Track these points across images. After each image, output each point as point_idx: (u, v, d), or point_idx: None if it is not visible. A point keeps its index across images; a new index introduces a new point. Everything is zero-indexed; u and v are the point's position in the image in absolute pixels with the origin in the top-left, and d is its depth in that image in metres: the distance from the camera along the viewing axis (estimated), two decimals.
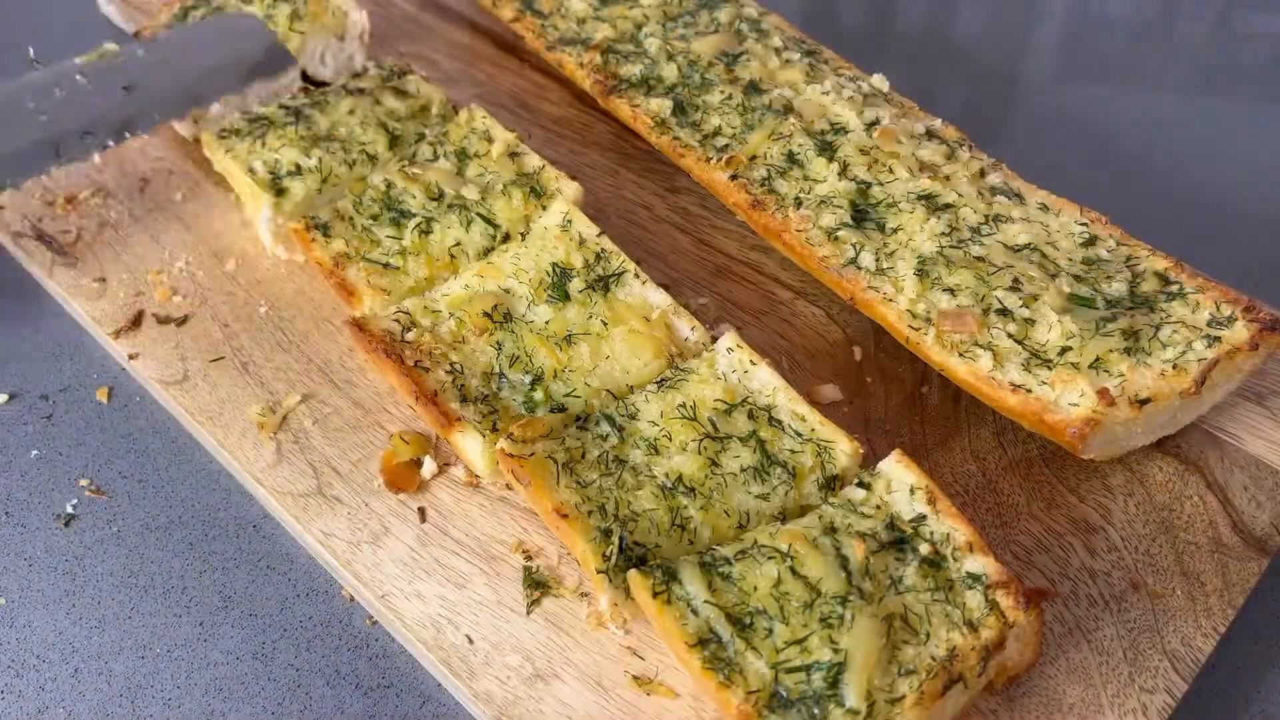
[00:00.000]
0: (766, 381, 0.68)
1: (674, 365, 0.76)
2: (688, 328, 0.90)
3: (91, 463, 0.94)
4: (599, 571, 0.68)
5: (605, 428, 0.77)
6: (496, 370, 0.88)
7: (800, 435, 0.68)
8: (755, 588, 0.70)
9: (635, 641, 0.77)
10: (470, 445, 0.83)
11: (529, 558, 0.81)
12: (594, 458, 0.74)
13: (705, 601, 0.70)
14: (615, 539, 0.62)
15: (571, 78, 1.17)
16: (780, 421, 0.68)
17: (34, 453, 0.94)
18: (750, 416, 0.68)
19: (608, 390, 0.86)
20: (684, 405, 0.68)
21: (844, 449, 0.66)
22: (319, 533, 0.83)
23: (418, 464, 0.87)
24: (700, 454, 0.65)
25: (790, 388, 0.69)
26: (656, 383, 0.71)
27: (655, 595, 0.70)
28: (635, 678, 0.75)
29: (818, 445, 0.66)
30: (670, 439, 0.68)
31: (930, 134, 1.03)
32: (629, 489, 0.71)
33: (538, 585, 0.80)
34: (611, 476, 0.71)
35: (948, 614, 0.70)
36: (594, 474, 0.73)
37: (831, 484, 0.66)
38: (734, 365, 0.71)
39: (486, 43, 1.36)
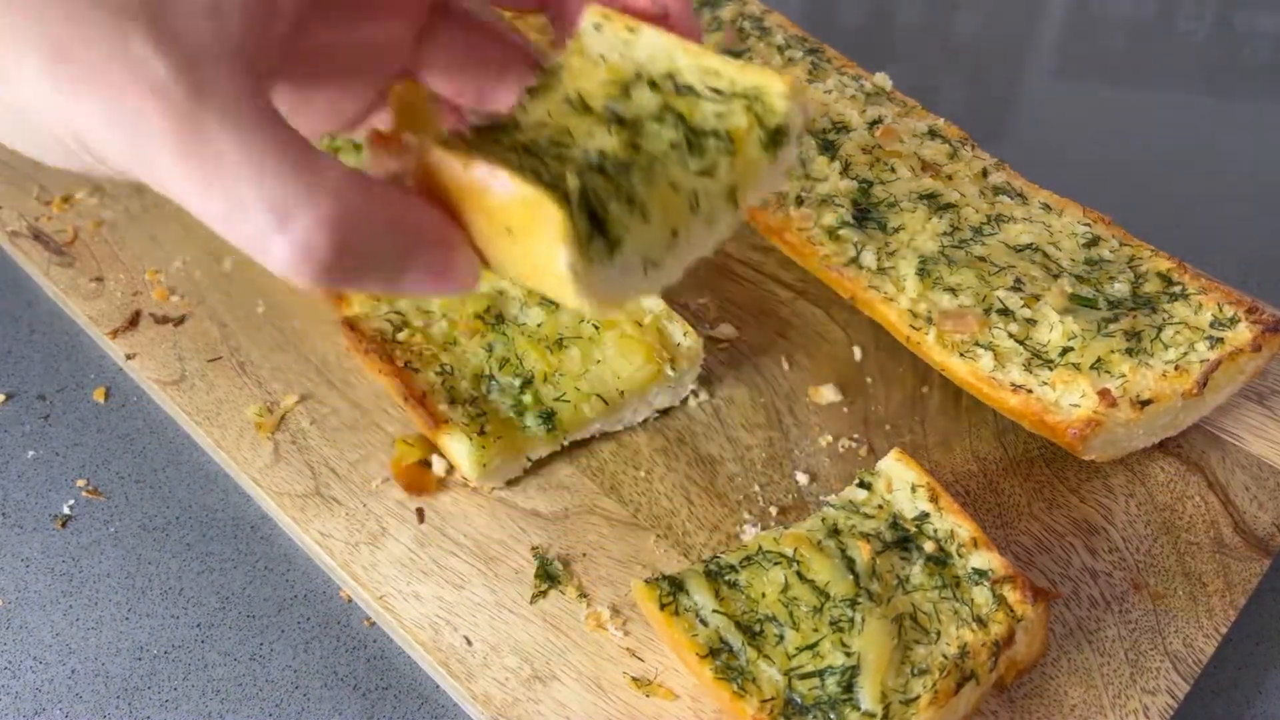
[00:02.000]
0: (656, 45, 0.53)
1: (538, 68, 0.56)
2: (680, 333, 0.90)
3: (88, 463, 0.93)
4: (559, 208, 0.46)
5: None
6: (487, 373, 0.87)
7: (720, 93, 0.52)
8: (763, 594, 0.70)
9: (634, 643, 0.77)
10: (458, 448, 0.83)
11: (541, 553, 0.81)
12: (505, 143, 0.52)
13: (714, 611, 0.69)
14: (574, 177, 0.46)
15: None
16: (690, 86, 0.52)
17: (30, 453, 0.94)
18: (654, 89, 0.52)
19: (598, 395, 0.86)
20: (570, 100, 0.51)
21: (776, 90, 0.51)
22: (317, 533, 0.83)
23: (426, 464, 0.87)
24: (617, 137, 0.50)
25: (686, 41, 0.54)
26: (527, 90, 0.53)
27: (663, 607, 0.69)
28: (634, 679, 0.75)
29: (745, 98, 0.52)
30: (571, 134, 0.50)
31: (933, 133, 1.02)
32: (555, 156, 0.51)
33: (550, 579, 0.79)
34: (533, 157, 0.51)
35: (956, 611, 0.70)
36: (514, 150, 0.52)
37: (778, 139, 0.51)
38: (611, 42, 0.54)
39: None
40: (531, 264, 0.45)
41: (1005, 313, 0.87)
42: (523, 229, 0.44)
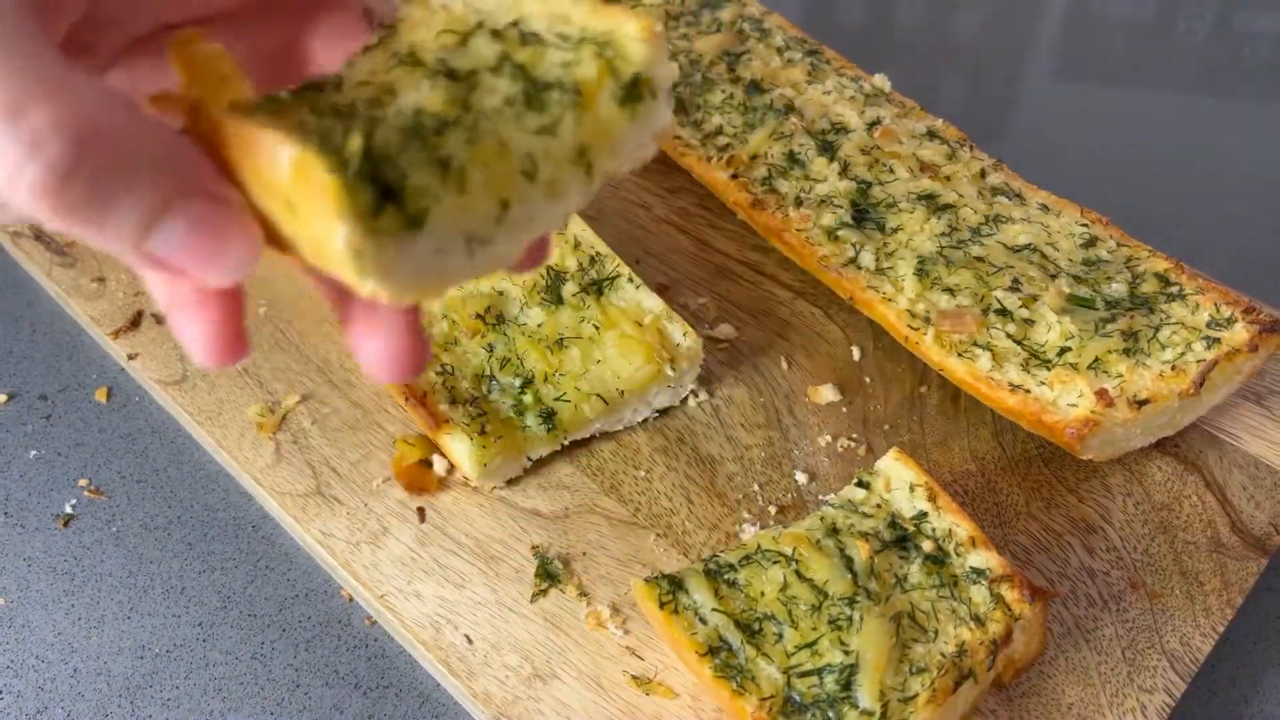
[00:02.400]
0: None
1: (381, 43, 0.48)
2: (680, 333, 0.90)
3: (90, 463, 0.93)
4: (331, 174, 0.38)
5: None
6: (487, 373, 0.87)
7: (567, 39, 0.45)
8: (762, 593, 0.70)
9: (634, 641, 0.77)
10: (458, 447, 0.83)
11: (541, 552, 0.82)
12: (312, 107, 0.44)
13: (713, 609, 0.70)
14: (357, 139, 0.38)
15: None
16: (537, 34, 0.45)
17: (33, 453, 0.94)
18: (496, 38, 0.45)
19: (598, 395, 0.86)
20: (399, 55, 0.44)
21: (630, 32, 0.44)
22: (318, 533, 0.83)
23: (428, 464, 0.87)
24: (442, 93, 0.43)
25: None
26: (364, 48, 0.47)
27: (662, 606, 0.70)
28: (634, 677, 0.75)
29: (596, 45, 0.44)
30: (393, 91, 0.43)
31: (931, 134, 1.03)
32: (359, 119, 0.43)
33: (550, 577, 0.80)
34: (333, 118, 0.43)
35: (954, 610, 0.70)
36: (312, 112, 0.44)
37: (634, 92, 0.44)
38: None
39: None
40: (316, 244, 0.38)
41: (1003, 313, 0.87)
42: (302, 201, 0.37)
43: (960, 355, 0.86)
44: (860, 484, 0.79)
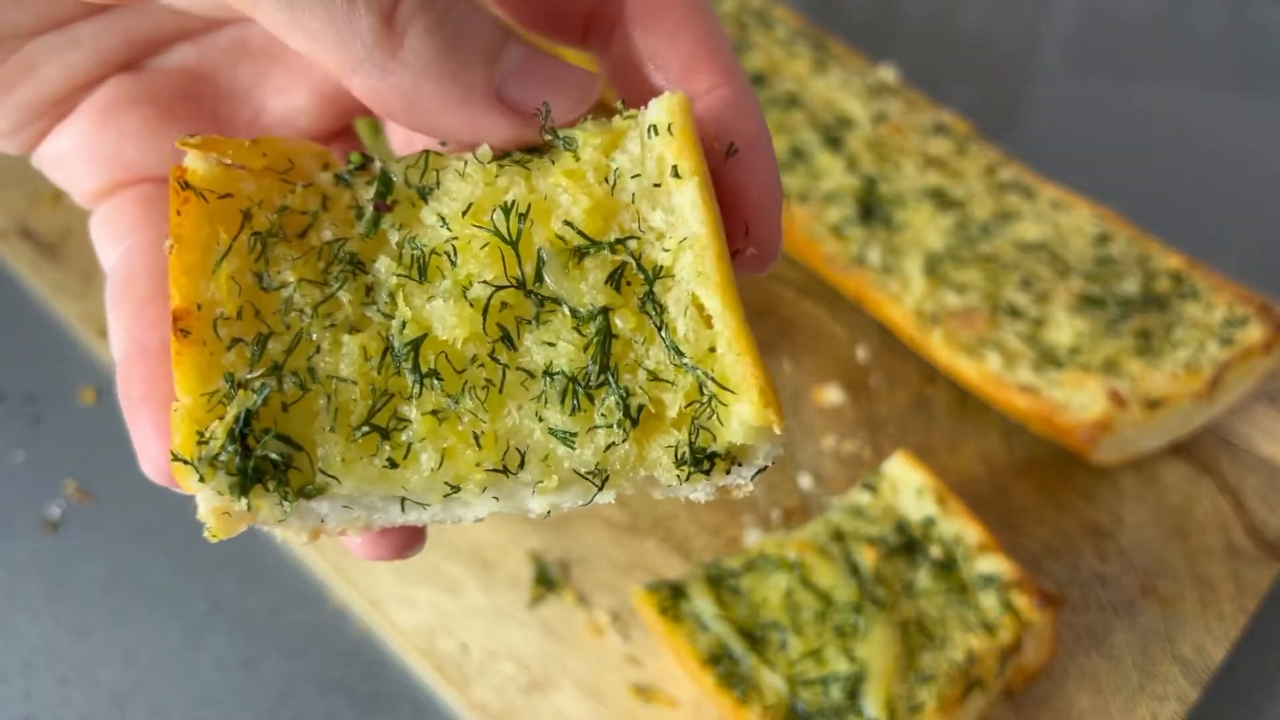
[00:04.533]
0: (687, 209, 0.36)
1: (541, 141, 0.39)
2: None
3: (78, 466, 0.92)
4: (200, 444, 0.35)
5: (368, 192, 0.40)
6: None
7: (683, 348, 0.35)
8: (766, 600, 0.69)
9: (634, 649, 0.75)
10: None
11: (538, 557, 0.80)
12: (312, 244, 0.38)
13: (715, 616, 0.68)
14: (238, 408, 0.34)
15: None
16: (664, 306, 0.35)
17: (19, 456, 0.92)
18: (612, 274, 0.35)
19: None
20: (508, 205, 0.36)
21: (744, 413, 0.34)
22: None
23: None
24: (486, 313, 0.35)
25: (721, 260, 0.36)
26: (498, 159, 0.38)
27: (663, 613, 0.68)
28: (634, 686, 0.73)
29: (705, 381, 0.35)
30: (454, 259, 0.36)
31: (939, 128, 1.01)
32: (334, 326, 0.37)
33: (548, 584, 0.78)
34: (319, 289, 0.37)
35: (963, 617, 0.69)
36: (295, 268, 0.38)
37: (701, 460, 0.35)
38: (650, 151, 0.37)
39: None
40: None
41: (1013, 312, 0.85)
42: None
43: (969, 355, 0.84)
44: (866, 487, 0.77)
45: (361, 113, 0.46)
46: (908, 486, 0.76)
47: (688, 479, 0.35)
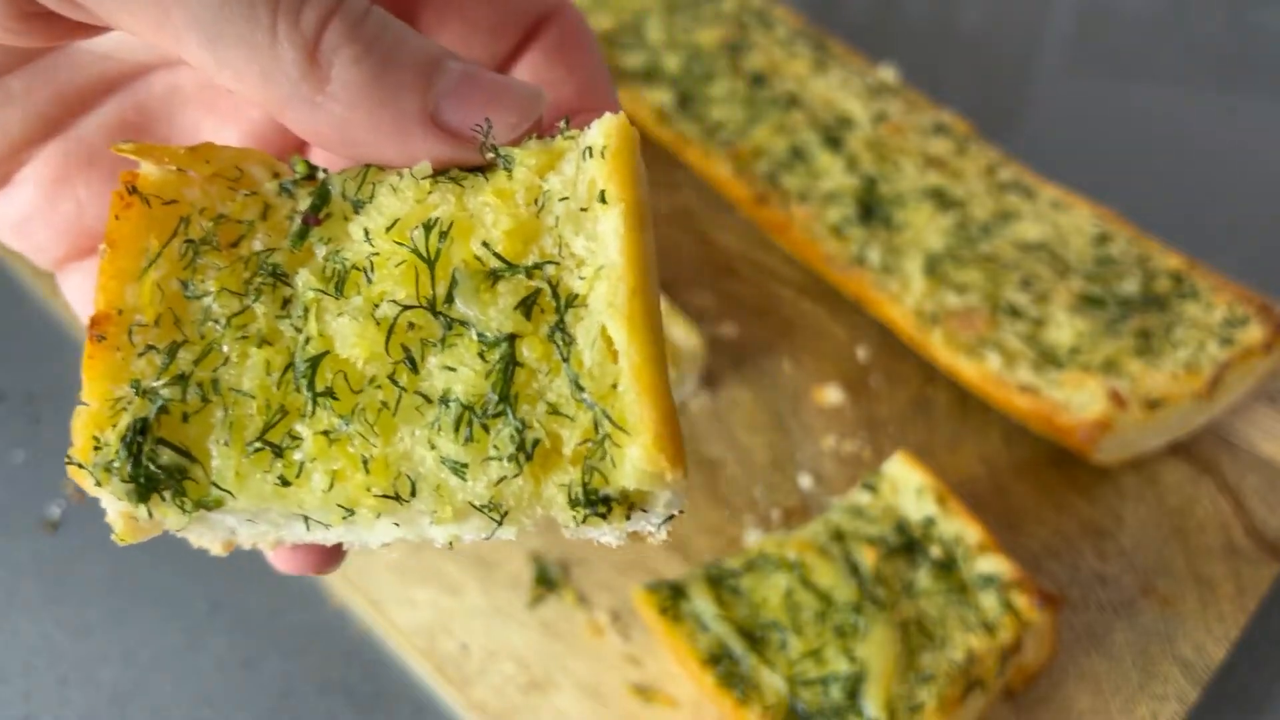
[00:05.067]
0: (609, 236, 0.35)
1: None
2: (681, 332, 0.89)
3: None
4: (94, 449, 0.35)
5: (289, 199, 0.39)
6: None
7: (584, 385, 0.34)
8: (766, 600, 0.69)
9: (634, 649, 0.75)
10: None
11: (538, 557, 0.80)
12: (242, 254, 0.38)
13: (715, 617, 0.68)
14: (131, 416, 0.34)
15: None
16: (572, 337, 0.35)
17: (19, 456, 0.92)
18: (524, 300, 0.35)
19: None
20: (430, 223, 0.36)
21: (635, 456, 0.33)
22: None
23: None
24: (390, 333, 0.35)
25: (635, 293, 0.35)
26: (435, 175, 0.37)
27: (663, 613, 0.68)
28: (634, 686, 0.73)
29: (601, 418, 0.34)
30: (371, 275, 0.36)
31: (939, 128, 1.01)
32: (246, 338, 0.37)
33: (548, 584, 0.78)
34: (238, 300, 0.37)
35: (963, 617, 0.69)
36: (217, 279, 0.37)
37: (595, 501, 0.34)
38: (583, 174, 0.36)
39: None
40: None
41: (1013, 312, 0.85)
42: None
43: (969, 355, 0.84)
44: (866, 487, 0.77)
45: (300, 147, 0.46)
46: (908, 486, 0.76)
47: (584, 521, 0.34)
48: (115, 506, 0.36)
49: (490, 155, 0.37)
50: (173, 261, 0.37)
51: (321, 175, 0.39)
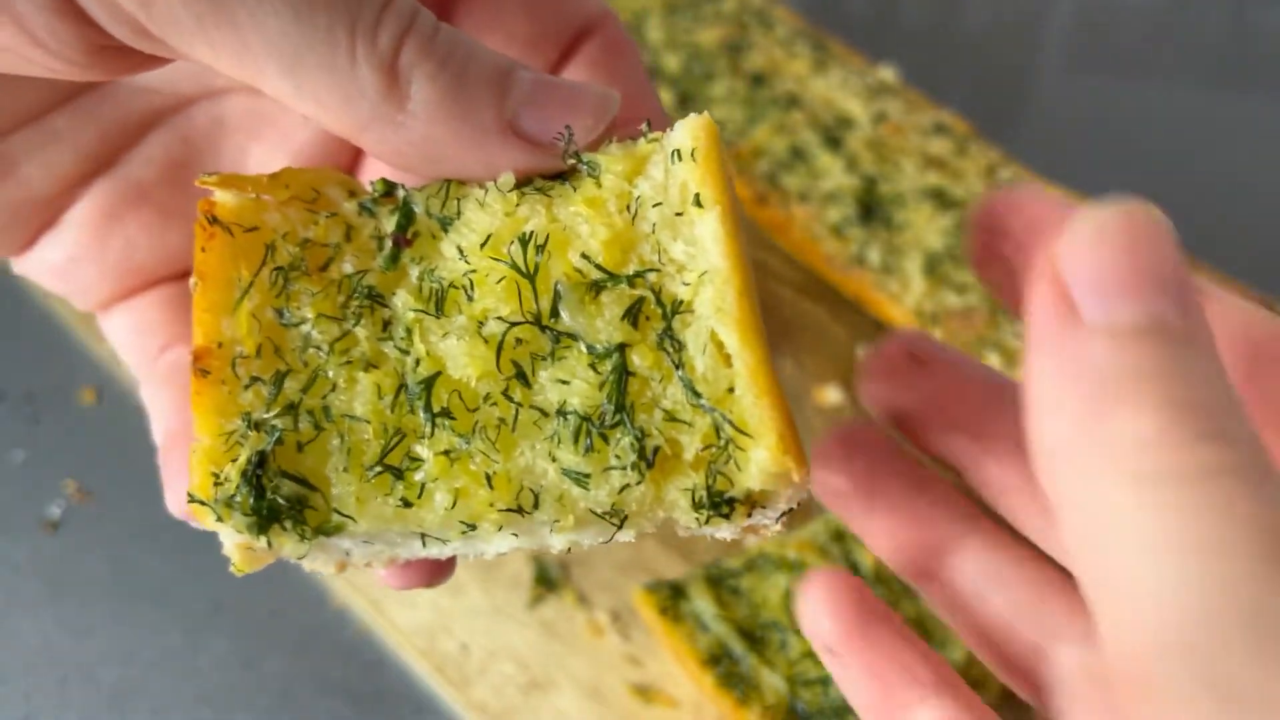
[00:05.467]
0: (708, 241, 0.35)
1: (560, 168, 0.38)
2: None
3: (78, 465, 0.91)
4: (216, 485, 0.35)
5: (391, 221, 0.38)
6: None
7: (700, 388, 0.34)
8: (766, 600, 0.69)
9: (634, 649, 0.75)
10: None
11: (538, 557, 0.80)
12: (333, 277, 0.38)
13: (715, 617, 0.68)
14: (250, 450, 0.35)
15: None
16: (682, 343, 0.35)
17: (19, 455, 0.92)
18: (629, 309, 0.35)
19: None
20: (525, 237, 0.36)
21: (761, 459, 0.34)
22: None
23: None
24: (500, 350, 0.35)
25: (742, 295, 0.35)
26: (518, 187, 0.37)
27: (663, 613, 0.68)
28: (634, 687, 0.73)
29: (722, 423, 0.34)
30: (471, 293, 0.36)
31: (939, 128, 1.01)
32: (350, 362, 0.37)
33: (548, 584, 0.78)
34: (337, 324, 0.37)
35: None
36: (313, 304, 0.37)
37: (719, 505, 0.34)
38: (673, 178, 0.36)
39: None
40: None
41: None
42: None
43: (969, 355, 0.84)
44: None
45: (350, 169, 0.45)
46: None
47: (707, 522, 0.35)
48: (233, 539, 0.36)
49: (572, 161, 0.37)
50: (264, 290, 0.37)
51: (401, 193, 0.39)
